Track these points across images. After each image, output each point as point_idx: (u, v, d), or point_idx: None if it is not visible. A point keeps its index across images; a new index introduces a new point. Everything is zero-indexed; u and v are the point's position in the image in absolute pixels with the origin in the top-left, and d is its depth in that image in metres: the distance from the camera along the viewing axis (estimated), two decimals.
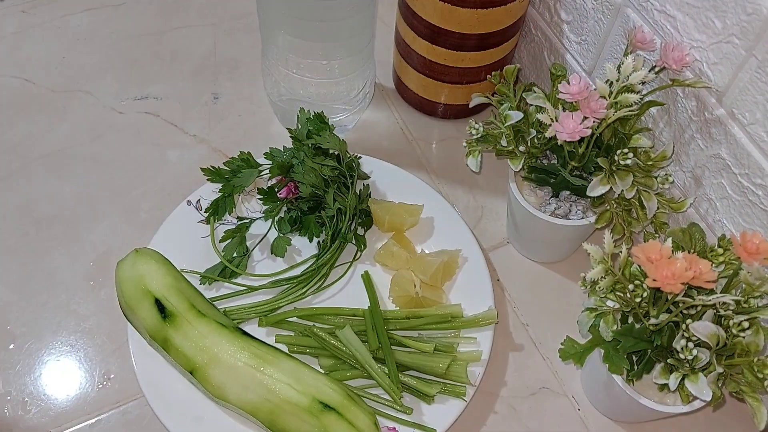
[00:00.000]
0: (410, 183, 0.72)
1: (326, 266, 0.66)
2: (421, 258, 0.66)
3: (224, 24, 0.90)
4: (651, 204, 0.60)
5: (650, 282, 0.46)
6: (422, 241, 0.69)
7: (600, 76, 0.70)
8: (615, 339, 0.53)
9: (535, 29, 0.79)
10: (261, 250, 0.68)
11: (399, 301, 0.65)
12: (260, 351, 0.57)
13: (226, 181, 0.67)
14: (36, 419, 0.61)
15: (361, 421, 0.55)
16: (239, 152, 0.68)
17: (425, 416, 0.59)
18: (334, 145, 0.66)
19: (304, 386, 0.55)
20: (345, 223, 0.65)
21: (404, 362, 0.60)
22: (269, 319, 0.63)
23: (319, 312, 0.64)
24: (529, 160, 0.64)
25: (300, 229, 0.68)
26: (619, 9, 0.64)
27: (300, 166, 0.65)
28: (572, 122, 0.56)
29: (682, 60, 0.56)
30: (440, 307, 0.63)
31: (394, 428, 0.58)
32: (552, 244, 0.70)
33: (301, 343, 0.62)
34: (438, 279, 0.65)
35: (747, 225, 0.58)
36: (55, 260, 0.69)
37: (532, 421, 0.63)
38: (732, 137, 0.57)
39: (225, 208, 0.67)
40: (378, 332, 0.60)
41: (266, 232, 0.69)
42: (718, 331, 0.48)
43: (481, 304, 0.64)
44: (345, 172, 0.66)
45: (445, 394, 0.59)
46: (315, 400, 0.54)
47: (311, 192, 0.65)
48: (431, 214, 0.70)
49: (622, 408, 0.60)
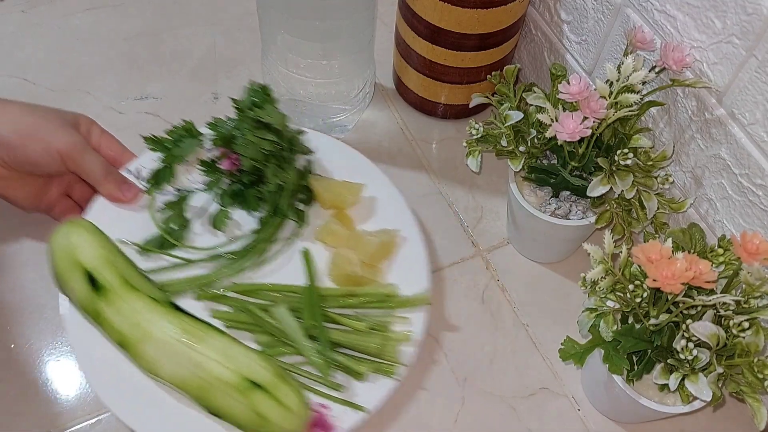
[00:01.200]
0: (357, 161, 0.70)
1: (265, 241, 0.65)
2: (361, 237, 0.65)
3: (224, 24, 0.90)
4: (651, 204, 0.60)
5: (650, 282, 0.46)
6: (364, 220, 0.68)
7: (600, 76, 0.70)
8: (615, 339, 0.53)
9: (535, 29, 0.79)
10: (202, 223, 0.67)
11: (337, 279, 0.64)
12: (192, 327, 0.57)
13: (167, 150, 0.65)
14: (36, 419, 0.61)
15: (290, 399, 0.55)
16: (182, 120, 0.66)
17: (358, 395, 0.59)
18: (275, 119, 0.64)
19: (234, 364, 0.55)
20: (285, 198, 0.65)
21: (338, 340, 0.60)
22: (206, 294, 0.62)
23: (258, 288, 0.63)
24: (529, 160, 0.64)
25: (241, 203, 0.66)
26: (619, 9, 0.64)
27: (242, 139, 0.64)
28: (572, 122, 0.56)
29: (682, 60, 0.56)
30: (376, 287, 0.63)
31: (326, 405, 0.58)
32: (552, 244, 0.70)
33: (237, 319, 0.61)
34: (376, 258, 0.64)
35: (747, 225, 0.58)
36: None
37: (532, 422, 0.63)
38: (732, 137, 0.57)
39: (165, 178, 0.66)
40: (313, 310, 0.60)
41: (207, 204, 0.67)
42: (718, 332, 0.48)
43: (417, 284, 0.63)
44: (285, 146, 0.65)
45: (376, 373, 0.59)
46: (243, 378, 0.54)
47: (252, 165, 0.64)
48: (375, 194, 0.69)
49: (622, 408, 0.60)
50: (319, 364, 0.58)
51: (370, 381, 0.59)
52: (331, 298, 0.62)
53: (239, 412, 0.54)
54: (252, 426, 0.54)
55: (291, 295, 0.62)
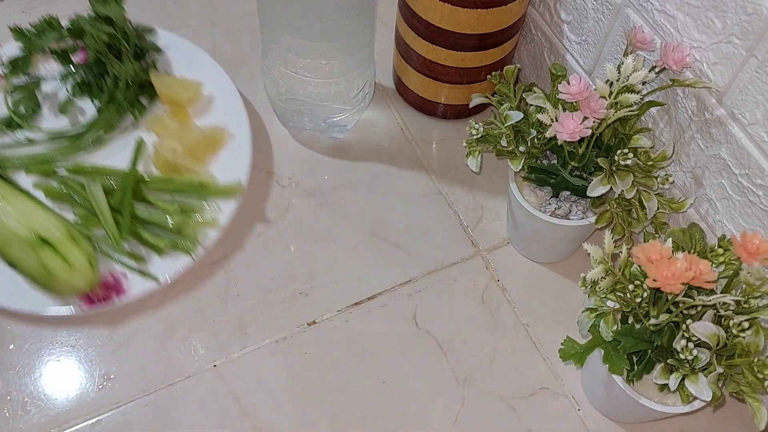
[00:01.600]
0: (206, 64, 0.79)
1: (101, 128, 0.73)
2: (187, 129, 0.73)
3: (224, 24, 0.90)
4: (651, 204, 0.60)
5: (650, 282, 0.46)
6: (200, 116, 0.76)
7: (600, 76, 0.70)
8: (615, 339, 0.53)
9: (535, 29, 0.79)
10: (50, 108, 0.76)
11: (159, 166, 0.71)
12: (4, 191, 0.65)
13: (29, 40, 0.73)
14: (36, 419, 0.61)
15: (76, 259, 0.62)
16: (47, 15, 0.74)
17: (156, 268, 0.66)
18: (114, 13, 0.72)
19: (30, 222, 0.63)
20: (121, 90, 0.73)
21: (145, 218, 0.67)
22: (35, 168, 0.70)
23: (84, 168, 0.70)
24: (529, 161, 0.64)
25: (87, 93, 0.75)
26: (619, 9, 0.64)
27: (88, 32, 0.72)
28: (572, 122, 0.56)
29: (682, 60, 0.56)
30: (194, 176, 0.70)
31: (125, 274, 0.65)
32: (552, 244, 0.70)
33: (59, 192, 0.68)
34: (200, 151, 0.71)
35: (747, 225, 0.59)
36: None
37: (532, 422, 0.63)
38: (732, 137, 0.57)
39: (23, 66, 0.73)
40: (124, 189, 0.67)
41: (58, 92, 0.76)
42: (719, 332, 0.48)
43: (236, 178, 0.70)
44: (122, 40, 0.73)
45: (174, 249, 0.67)
46: (35, 235, 0.62)
47: (94, 57, 0.72)
48: (215, 93, 0.77)
49: (622, 408, 0.60)
50: (114, 235, 0.66)
51: (171, 257, 0.67)
52: (151, 183, 0.70)
53: (30, 264, 0.62)
54: (41, 278, 0.62)
55: (113, 176, 0.69)
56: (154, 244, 0.66)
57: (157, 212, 0.68)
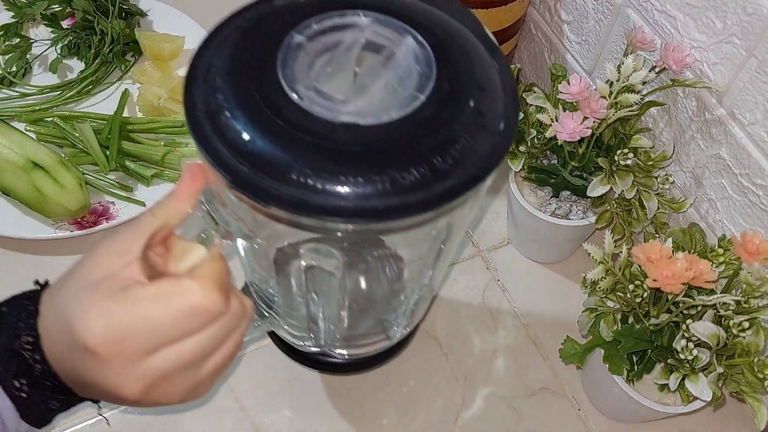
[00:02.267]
0: (188, 24, 0.84)
1: (88, 80, 0.79)
2: (170, 77, 0.79)
3: None
4: (651, 204, 0.60)
5: (650, 282, 0.46)
6: (182, 68, 0.80)
7: (600, 76, 0.70)
8: (615, 339, 0.53)
9: (535, 29, 0.79)
10: (44, 70, 0.81)
11: (145, 110, 0.77)
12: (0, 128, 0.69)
13: (19, 9, 0.79)
14: None
15: (67, 180, 0.67)
16: None
17: (142, 196, 0.71)
18: None
19: (23, 150, 0.67)
20: (106, 45, 0.79)
21: (132, 151, 0.72)
22: (28, 117, 0.74)
23: (74, 115, 0.75)
24: (530, 160, 0.64)
25: (75, 53, 0.81)
26: (619, 9, 0.64)
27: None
28: (572, 122, 0.56)
29: (682, 61, 0.56)
30: (177, 117, 0.76)
31: (113, 202, 0.71)
32: (552, 244, 0.70)
33: (49, 133, 0.73)
34: (180, 95, 0.74)
35: (747, 225, 0.59)
36: (55, 260, 0.69)
37: (532, 422, 0.63)
38: (732, 137, 0.57)
39: (14, 30, 0.79)
40: (111, 127, 0.72)
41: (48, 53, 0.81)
42: (719, 332, 0.48)
43: None
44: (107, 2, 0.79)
45: (159, 178, 0.72)
46: (28, 160, 0.67)
47: (83, 18, 0.79)
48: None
49: (622, 408, 0.60)
50: (102, 163, 0.70)
51: (155, 186, 0.72)
52: (137, 124, 0.75)
53: (22, 188, 0.67)
54: (33, 201, 0.67)
55: (101, 121, 0.74)
56: (141, 173, 0.71)
57: (143, 147, 0.73)
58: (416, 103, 0.37)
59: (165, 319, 0.33)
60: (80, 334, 0.33)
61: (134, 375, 0.33)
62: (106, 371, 0.33)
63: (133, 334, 0.32)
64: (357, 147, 0.35)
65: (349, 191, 0.34)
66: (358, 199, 0.34)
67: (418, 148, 0.36)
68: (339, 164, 0.34)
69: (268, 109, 0.36)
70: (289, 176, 0.34)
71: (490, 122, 0.38)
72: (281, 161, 0.34)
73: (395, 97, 0.38)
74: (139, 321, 0.32)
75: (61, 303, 0.35)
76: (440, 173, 0.35)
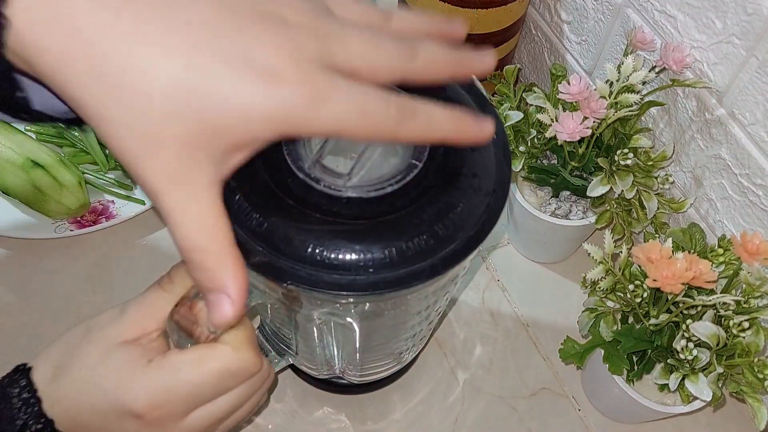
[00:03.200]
0: None
1: None
2: None
3: None
4: (651, 204, 0.60)
5: (650, 282, 0.46)
6: None
7: (600, 76, 0.70)
8: (615, 339, 0.53)
9: (535, 29, 0.79)
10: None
11: None
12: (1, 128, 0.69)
13: None
14: None
15: (66, 179, 0.67)
16: None
17: (142, 194, 0.71)
18: None
19: (23, 150, 0.67)
20: None
21: None
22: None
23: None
24: (529, 160, 0.64)
25: None
26: (619, 9, 0.64)
27: None
28: (572, 122, 0.56)
29: (682, 61, 0.56)
30: None
31: (113, 201, 0.71)
32: (552, 244, 0.70)
33: (47, 132, 0.73)
34: None
35: (747, 225, 0.58)
36: (55, 260, 0.69)
37: (532, 422, 0.63)
38: (732, 137, 0.57)
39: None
40: None
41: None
42: (719, 332, 0.48)
43: None
44: None
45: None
46: (27, 159, 0.67)
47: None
48: None
49: (622, 408, 0.60)
50: (102, 162, 0.71)
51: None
52: None
53: (22, 187, 0.67)
54: (33, 199, 0.67)
55: None
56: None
57: None
58: (414, 171, 0.39)
59: (204, 382, 0.35)
60: (126, 402, 0.35)
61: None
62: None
63: (176, 397, 0.35)
64: (363, 221, 0.37)
65: (361, 265, 0.36)
66: (368, 273, 0.36)
67: (420, 216, 0.37)
68: (350, 240, 0.36)
69: (278, 189, 0.37)
70: (304, 254, 0.36)
71: (484, 183, 0.40)
72: (295, 241, 0.36)
73: (394, 165, 0.39)
74: (182, 385, 0.35)
75: (86, 376, 0.36)
76: (442, 240, 0.37)
